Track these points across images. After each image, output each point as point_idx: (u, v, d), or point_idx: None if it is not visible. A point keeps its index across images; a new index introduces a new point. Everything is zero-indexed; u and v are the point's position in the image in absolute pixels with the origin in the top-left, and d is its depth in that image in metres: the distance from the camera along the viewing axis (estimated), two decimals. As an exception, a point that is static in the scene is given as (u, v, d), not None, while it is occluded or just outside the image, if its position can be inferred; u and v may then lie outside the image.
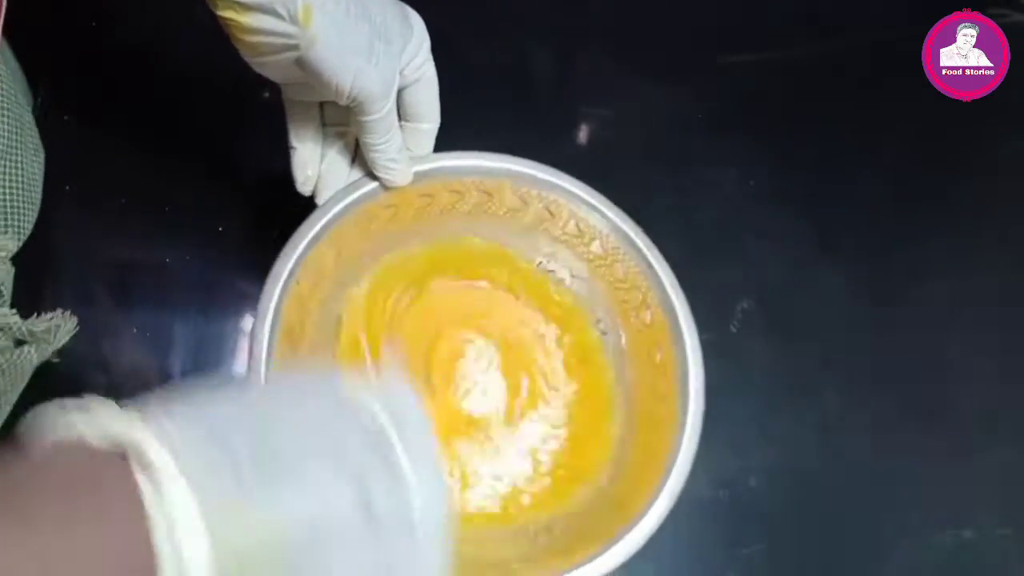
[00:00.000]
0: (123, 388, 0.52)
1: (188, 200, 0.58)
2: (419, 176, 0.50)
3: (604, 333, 0.52)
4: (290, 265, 0.46)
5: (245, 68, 0.65)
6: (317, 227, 0.47)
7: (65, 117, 0.59)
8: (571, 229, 0.52)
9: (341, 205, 0.48)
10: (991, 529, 0.55)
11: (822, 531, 0.54)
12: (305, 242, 0.47)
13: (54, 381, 0.51)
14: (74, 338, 0.53)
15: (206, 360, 0.54)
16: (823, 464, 0.56)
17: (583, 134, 0.66)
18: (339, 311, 0.51)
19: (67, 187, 0.56)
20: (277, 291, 0.46)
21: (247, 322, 0.52)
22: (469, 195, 0.52)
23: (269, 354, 0.44)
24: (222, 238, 0.57)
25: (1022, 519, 0.56)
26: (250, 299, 0.47)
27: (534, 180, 0.51)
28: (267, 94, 0.63)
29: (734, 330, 0.59)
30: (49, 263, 0.53)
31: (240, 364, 0.53)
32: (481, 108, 0.65)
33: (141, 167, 0.59)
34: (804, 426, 0.57)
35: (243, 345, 0.54)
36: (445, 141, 0.63)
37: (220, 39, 0.60)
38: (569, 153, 0.65)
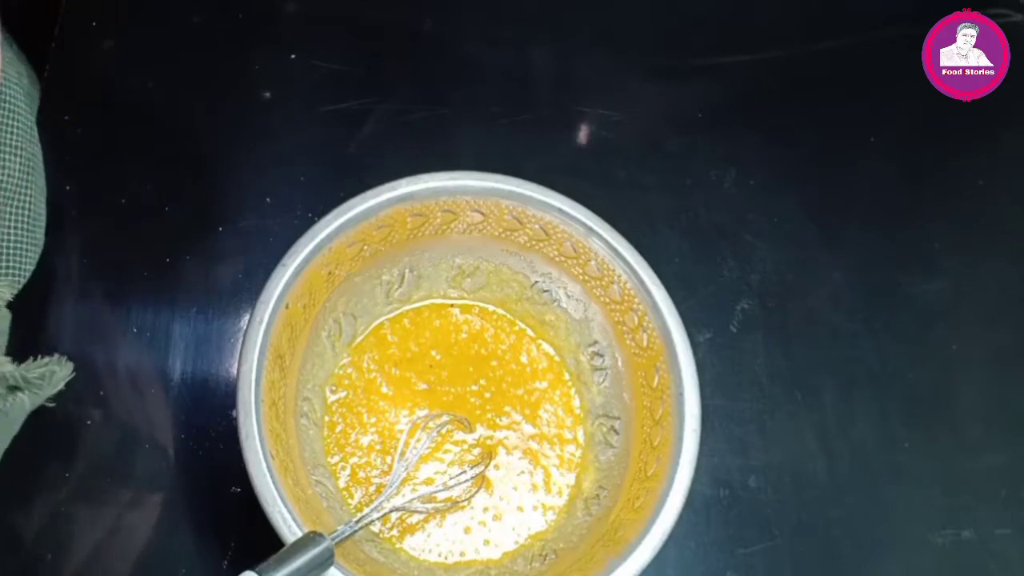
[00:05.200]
0: (123, 388, 0.52)
1: (188, 200, 0.58)
2: (412, 196, 0.50)
3: (600, 355, 0.52)
4: (279, 289, 0.46)
5: (245, 68, 0.66)
6: (308, 248, 0.47)
7: (65, 117, 0.59)
8: (566, 250, 0.52)
9: (333, 226, 0.48)
10: (991, 529, 0.55)
11: (822, 531, 0.54)
12: (296, 264, 0.46)
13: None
14: (75, 339, 0.53)
15: (206, 360, 0.54)
16: (823, 464, 0.56)
17: (583, 134, 0.66)
18: (331, 337, 0.51)
19: (67, 187, 0.56)
20: (267, 316, 0.45)
21: (247, 322, 0.52)
22: (464, 215, 0.51)
23: (258, 380, 0.44)
24: (222, 238, 0.57)
25: (1022, 519, 0.56)
26: (250, 300, 0.47)
27: (528, 200, 0.51)
28: (267, 94, 0.63)
29: (734, 330, 0.59)
30: (49, 263, 0.53)
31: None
32: (481, 108, 0.65)
33: (141, 167, 0.59)
34: (804, 426, 0.57)
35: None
36: (446, 141, 0.63)
37: (220, 40, 0.61)
38: (569, 153, 0.65)
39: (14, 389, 0.45)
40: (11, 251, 0.50)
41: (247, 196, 0.59)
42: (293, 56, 0.64)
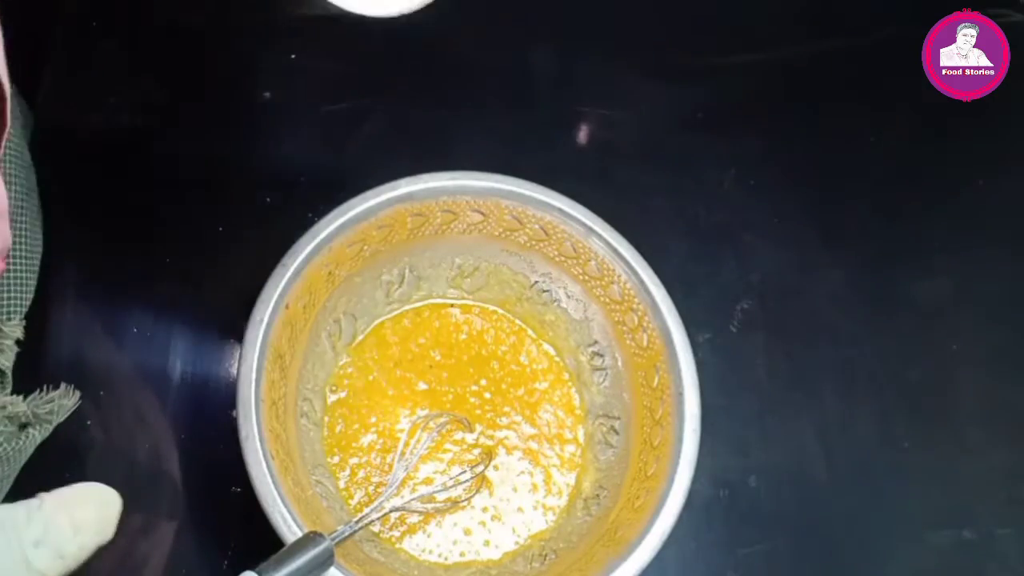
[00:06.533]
0: (123, 388, 0.52)
1: (188, 200, 0.58)
2: (412, 196, 0.50)
3: (600, 355, 0.52)
4: (279, 289, 0.46)
5: (245, 68, 0.66)
6: (308, 248, 0.47)
7: (65, 116, 0.58)
8: (566, 250, 0.52)
9: (333, 226, 0.48)
10: (991, 529, 0.55)
11: (822, 531, 0.54)
12: (296, 264, 0.46)
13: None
14: (75, 339, 0.53)
15: (206, 360, 0.54)
16: (823, 464, 0.56)
17: (583, 134, 0.66)
18: (331, 337, 0.51)
19: (67, 187, 0.56)
20: (267, 316, 0.45)
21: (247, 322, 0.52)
22: (464, 215, 0.51)
23: (258, 380, 0.44)
24: (222, 237, 0.57)
25: (1022, 519, 0.56)
26: (250, 300, 0.47)
27: (528, 200, 0.51)
28: (267, 94, 0.63)
29: (734, 330, 0.59)
30: (49, 264, 0.53)
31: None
32: (481, 108, 0.65)
33: (141, 167, 0.59)
34: (804, 426, 0.57)
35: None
36: (446, 141, 0.63)
37: (220, 40, 0.61)
38: (568, 153, 0.65)
39: (25, 426, 0.46)
40: (14, 286, 0.50)
41: (247, 195, 0.59)
42: (293, 56, 0.64)
